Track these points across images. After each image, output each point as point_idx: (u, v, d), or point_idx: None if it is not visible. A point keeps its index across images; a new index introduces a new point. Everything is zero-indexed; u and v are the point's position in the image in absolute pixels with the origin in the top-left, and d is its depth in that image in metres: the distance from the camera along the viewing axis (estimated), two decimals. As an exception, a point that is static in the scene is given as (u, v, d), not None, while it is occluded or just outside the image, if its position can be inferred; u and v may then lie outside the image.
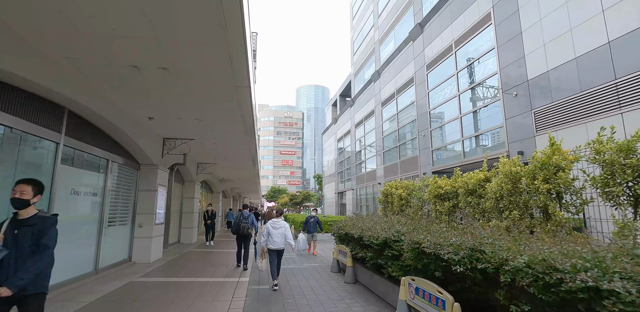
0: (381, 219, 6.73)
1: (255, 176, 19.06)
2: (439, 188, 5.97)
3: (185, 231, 12.63)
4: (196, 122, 7.38)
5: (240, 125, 7.69)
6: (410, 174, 18.31)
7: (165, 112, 6.72)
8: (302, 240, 9.26)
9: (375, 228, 5.55)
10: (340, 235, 7.44)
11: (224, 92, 5.57)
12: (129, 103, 6.18)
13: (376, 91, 23.86)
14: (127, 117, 6.80)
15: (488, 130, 12.58)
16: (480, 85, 12.97)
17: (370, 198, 24.69)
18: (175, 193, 12.21)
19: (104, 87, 5.37)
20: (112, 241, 7.16)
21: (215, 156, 11.89)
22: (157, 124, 7.56)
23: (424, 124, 16.85)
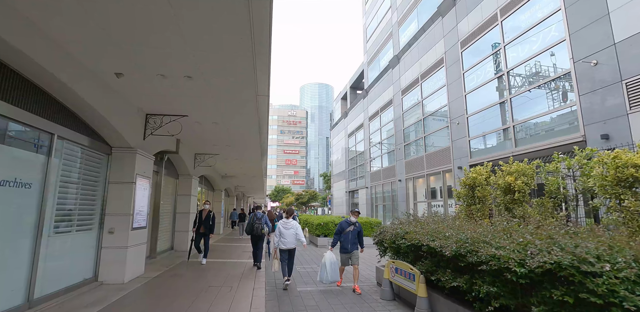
0: (489, 227, 4.31)
1: (261, 172, 16.80)
2: (626, 167, 3.33)
3: (180, 236, 10.38)
4: (187, 84, 5.12)
5: (251, 92, 5.43)
6: (438, 169, 15.98)
7: (141, 63, 4.46)
8: (331, 264, 5.99)
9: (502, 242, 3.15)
10: (400, 245, 5.07)
11: (230, 26, 3.31)
12: (86, 44, 3.93)
13: (395, 78, 21.54)
14: (85, 71, 4.56)
15: (552, 112, 10.23)
16: (539, 57, 10.62)
17: (388, 197, 22.36)
18: (167, 189, 9.97)
19: (45, 16, 3.13)
20: (63, 254, 4.91)
21: (215, 143, 9.64)
22: (131, 86, 5.29)
23: (458, 110, 14.51)
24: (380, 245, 6.17)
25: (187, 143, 9.62)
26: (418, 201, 18.23)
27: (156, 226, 8.58)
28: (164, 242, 9.74)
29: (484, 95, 13.31)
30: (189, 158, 10.62)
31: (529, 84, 11.09)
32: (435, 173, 16.51)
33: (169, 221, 10.10)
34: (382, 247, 6.11)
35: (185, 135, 8.60)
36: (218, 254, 10.00)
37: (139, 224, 6.38)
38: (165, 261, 8.45)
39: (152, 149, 7.12)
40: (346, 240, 6.26)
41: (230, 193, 24.27)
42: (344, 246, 6.28)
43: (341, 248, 6.31)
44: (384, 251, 6.12)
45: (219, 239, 15.01)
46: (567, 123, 9.78)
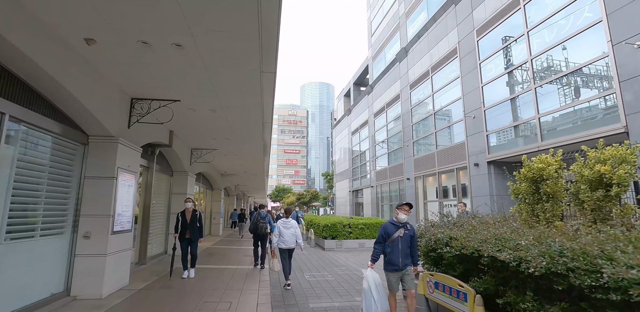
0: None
1: (263, 170, 15.83)
2: None
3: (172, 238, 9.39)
4: (176, 56, 4.16)
5: (255, 66, 4.47)
6: (452, 166, 15.01)
7: (118, 24, 3.50)
8: (377, 289, 4.07)
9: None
10: (442, 255, 3.89)
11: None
12: None
13: (402, 72, 20.56)
14: (46, 34, 3.59)
15: (584, 102, 9.26)
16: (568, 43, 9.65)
17: (395, 196, 21.39)
18: (159, 187, 9.01)
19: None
20: (23, 265, 3.95)
21: (213, 136, 8.67)
22: (106, 56, 4.33)
23: (474, 102, 13.54)
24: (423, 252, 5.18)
25: (182, 136, 8.65)
26: (428, 200, 17.26)
27: (146, 229, 7.62)
28: (156, 246, 8.77)
29: (503, 86, 12.35)
30: (185, 153, 9.66)
31: (554, 73, 10.12)
32: (447, 171, 15.54)
33: (161, 222, 9.14)
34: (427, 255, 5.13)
35: (179, 126, 7.64)
36: (216, 259, 9.03)
37: (122, 227, 5.41)
38: (156, 268, 7.48)
39: (139, 139, 6.16)
40: (395, 251, 4.22)
41: (230, 192, 23.31)
42: (391, 261, 4.26)
43: (387, 264, 4.32)
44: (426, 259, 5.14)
45: (217, 241, 14.05)
46: (603, 113, 8.81)
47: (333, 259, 9.26)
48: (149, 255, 8.07)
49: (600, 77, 8.97)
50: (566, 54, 9.92)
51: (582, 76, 9.49)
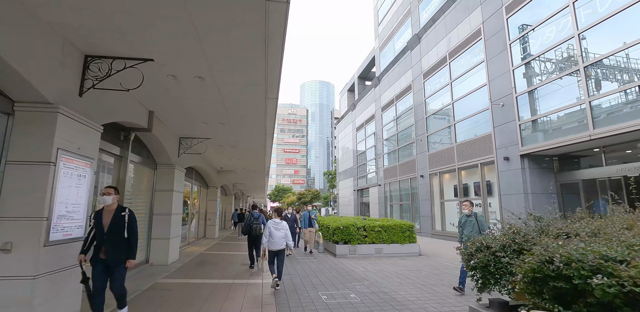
0: None
1: (264, 166, 14.23)
2: None
3: (159, 244, 7.80)
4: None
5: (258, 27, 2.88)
6: (474, 161, 13.43)
7: None
8: None
9: None
10: (594, 290, 2.11)
11: None
12: None
13: (414, 61, 18.99)
14: None
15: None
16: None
17: (406, 195, 19.81)
18: (139, 182, 7.41)
19: None
20: None
21: (205, 119, 7.06)
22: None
23: (503, 88, 11.96)
24: (484, 272, 3.57)
25: (167, 119, 7.04)
26: (446, 199, 15.69)
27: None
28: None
29: (538, 68, 10.77)
30: (171, 142, 8.06)
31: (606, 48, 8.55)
32: (469, 166, 13.96)
33: (141, 225, 7.53)
34: (490, 276, 3.52)
35: (160, 103, 6.03)
36: (207, 269, 7.42)
37: (67, 235, 3.81)
38: (129, 285, 5.86)
39: (98, 114, 4.55)
40: None
41: (227, 191, 21.71)
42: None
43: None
44: (489, 282, 3.54)
45: (212, 245, 12.44)
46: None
47: (349, 269, 7.67)
48: (123, 266, 6.45)
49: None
50: (623, 23, 8.35)
51: None
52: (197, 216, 13.95)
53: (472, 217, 5.82)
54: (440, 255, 10.20)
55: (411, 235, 10.33)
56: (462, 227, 5.89)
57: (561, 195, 10.94)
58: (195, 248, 11.31)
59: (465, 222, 5.87)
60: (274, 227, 5.88)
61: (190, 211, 12.47)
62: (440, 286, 6.00)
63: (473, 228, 5.68)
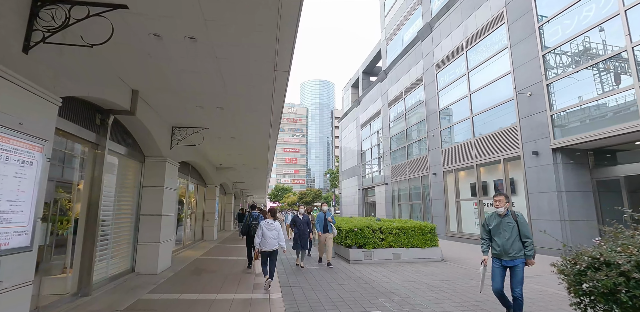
0: None
1: (266, 162, 13.12)
2: None
3: (147, 250, 6.68)
4: None
5: None
6: (496, 157, 12.32)
7: None
8: None
9: None
10: None
11: None
12: None
13: (425, 51, 17.88)
14: None
15: None
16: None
17: (416, 194, 18.70)
18: (123, 178, 6.30)
19: None
20: None
21: (200, 102, 5.95)
22: None
23: (531, 76, 10.86)
24: (608, 302, 2.43)
25: (155, 101, 5.92)
26: (461, 198, 14.57)
27: (91, 238, 4.89)
28: (115, 264, 6.04)
29: (575, 50, 9.67)
30: (162, 131, 6.94)
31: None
32: (489, 163, 12.86)
33: (126, 227, 6.41)
34: (619, 308, 2.37)
35: (143, 78, 4.91)
36: (203, 279, 6.30)
37: (5, 244, 2.69)
38: (106, 300, 4.74)
39: (53, 80, 3.43)
40: None
41: (227, 190, 20.59)
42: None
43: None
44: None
45: (210, 249, 11.32)
46: None
47: (369, 279, 6.57)
48: (99, 278, 5.34)
49: None
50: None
51: None
52: (194, 216, 12.83)
53: (509, 217, 4.06)
54: (463, 260, 9.10)
55: (433, 238, 9.22)
56: (490, 231, 4.18)
57: (598, 193, 9.85)
58: (191, 252, 10.19)
59: (498, 224, 4.08)
60: (266, 228, 5.76)
61: (186, 211, 11.35)
62: (488, 303, 4.89)
63: (511, 234, 3.96)
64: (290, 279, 6.58)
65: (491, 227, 4.18)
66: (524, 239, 3.96)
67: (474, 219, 13.85)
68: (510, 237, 3.96)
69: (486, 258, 4.17)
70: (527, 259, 3.95)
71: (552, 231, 9.87)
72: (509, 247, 3.94)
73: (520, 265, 3.93)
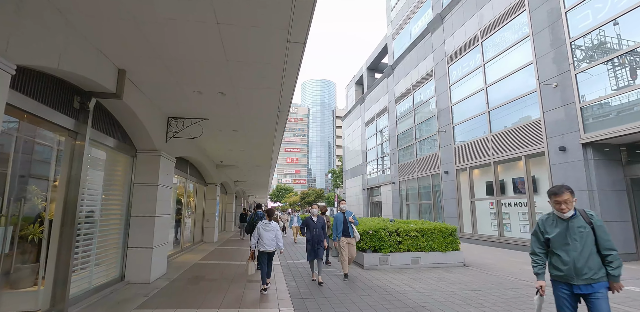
0: None
1: (270, 158, 12.33)
2: None
3: (138, 256, 5.89)
4: None
5: None
6: (516, 154, 11.51)
7: None
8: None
9: None
10: None
11: None
12: None
13: (436, 44, 17.07)
14: None
15: None
16: None
17: (426, 193, 17.89)
18: (111, 173, 5.52)
19: None
20: None
21: (198, 87, 5.15)
22: None
23: (556, 66, 10.06)
24: None
25: (145, 82, 5.12)
26: (477, 198, 13.77)
27: (67, 243, 4.09)
28: (104, 271, 5.25)
29: (617, 34, 8.86)
30: (156, 121, 6.15)
31: None
32: (509, 159, 12.05)
33: (114, 229, 5.62)
34: None
35: (128, 46, 4.10)
36: (203, 291, 5.51)
37: None
38: None
39: (2, 40, 2.64)
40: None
41: (227, 189, 19.81)
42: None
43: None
44: None
45: (210, 252, 10.53)
46: None
47: (391, 289, 5.76)
48: (80, 290, 4.55)
49: None
50: None
51: None
52: (193, 217, 12.04)
53: (580, 220, 2.73)
54: (487, 265, 8.30)
55: (454, 241, 8.42)
56: (549, 243, 2.84)
57: (632, 192, 9.04)
58: (190, 256, 9.40)
59: (563, 231, 2.77)
60: (263, 229, 5.65)
61: (184, 211, 10.57)
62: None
63: (585, 245, 2.68)
64: (302, 290, 5.78)
65: (552, 236, 2.80)
66: (605, 252, 2.68)
67: (489, 220, 13.04)
68: (584, 250, 2.67)
69: (543, 285, 2.79)
70: (611, 282, 2.68)
71: (582, 233, 9.06)
72: (583, 266, 2.66)
73: (603, 291, 2.65)
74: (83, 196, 4.56)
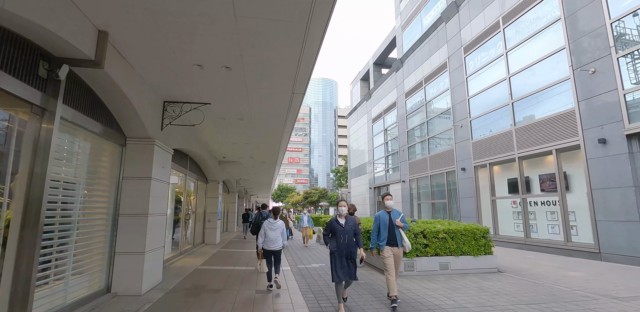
0: None
1: (277, 152, 11.41)
2: None
3: (127, 262, 4.96)
4: None
5: None
6: (546, 148, 10.56)
7: None
8: None
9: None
10: None
11: None
12: None
13: (451, 34, 16.12)
14: None
15: None
16: None
17: (440, 192, 16.94)
18: (95, 164, 4.60)
19: None
20: None
21: (198, 60, 4.21)
22: None
23: (593, 50, 9.11)
24: None
25: (134, 54, 4.19)
26: (498, 196, 12.81)
27: (29, 251, 3.17)
28: (84, 282, 4.33)
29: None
30: (149, 103, 5.22)
31: None
32: (535, 155, 11.11)
33: (100, 231, 4.70)
34: None
35: (111, 2, 3.18)
36: (203, 306, 4.59)
37: None
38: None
39: None
40: None
41: (230, 188, 18.90)
42: None
43: None
44: None
45: (212, 255, 9.61)
46: None
47: (430, 303, 4.83)
48: (49, 308, 3.63)
49: None
50: None
51: None
52: (194, 216, 11.13)
53: None
54: (524, 271, 7.37)
55: (487, 244, 7.48)
56: None
57: (683, 189, 8.09)
58: (190, 260, 8.48)
59: None
60: (268, 227, 5.63)
61: (184, 210, 9.66)
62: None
63: None
64: (323, 303, 4.85)
65: None
66: None
67: (512, 220, 12.10)
68: None
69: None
70: None
71: (626, 234, 8.13)
72: None
73: None
74: (55, 191, 3.65)
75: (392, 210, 5.08)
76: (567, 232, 9.78)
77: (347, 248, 4.45)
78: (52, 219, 3.70)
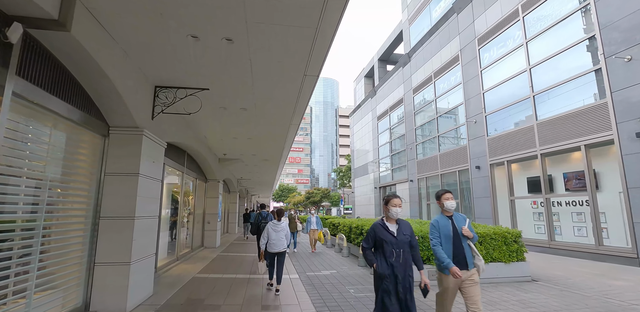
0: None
1: (282, 148, 10.63)
2: None
3: (109, 275, 4.17)
4: None
5: None
6: (572, 144, 9.77)
7: None
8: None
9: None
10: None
11: None
12: None
13: (463, 25, 15.33)
14: None
15: None
16: None
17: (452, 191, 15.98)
18: (71, 158, 3.80)
19: None
20: None
21: (193, 30, 3.41)
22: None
23: (629, 36, 8.31)
24: None
25: (108, 11, 3.39)
26: (516, 196, 12.01)
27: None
28: (55, 300, 3.54)
29: None
30: (134, 86, 4.43)
31: None
32: (560, 151, 10.31)
33: (77, 238, 3.91)
34: None
35: None
36: None
37: None
38: None
39: None
40: None
41: (231, 187, 18.11)
42: None
43: None
44: None
45: (211, 261, 8.81)
46: None
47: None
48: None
49: None
50: None
51: None
52: (192, 218, 10.34)
53: None
54: (560, 279, 6.58)
55: (519, 249, 6.68)
56: None
57: None
58: (187, 266, 7.69)
59: None
60: (272, 229, 5.46)
61: (181, 211, 8.88)
62: None
63: None
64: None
65: None
66: None
67: (533, 221, 11.30)
68: None
69: None
70: None
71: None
72: None
73: None
74: (10, 189, 2.86)
75: (454, 214, 3.40)
76: (598, 235, 8.98)
77: (403, 271, 2.99)
78: (7, 224, 2.92)
